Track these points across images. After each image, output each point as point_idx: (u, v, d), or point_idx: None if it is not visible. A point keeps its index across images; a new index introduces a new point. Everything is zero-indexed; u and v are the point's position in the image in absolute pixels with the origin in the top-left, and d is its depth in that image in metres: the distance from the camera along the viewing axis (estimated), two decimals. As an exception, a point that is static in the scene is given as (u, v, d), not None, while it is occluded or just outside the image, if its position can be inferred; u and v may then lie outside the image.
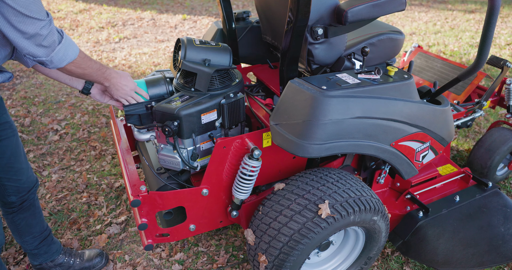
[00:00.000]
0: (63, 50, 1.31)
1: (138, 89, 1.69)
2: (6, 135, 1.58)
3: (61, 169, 2.84)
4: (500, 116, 3.54)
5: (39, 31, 1.20)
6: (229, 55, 1.74)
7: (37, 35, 1.21)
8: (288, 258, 1.51)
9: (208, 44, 1.73)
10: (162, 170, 1.84)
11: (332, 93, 1.40)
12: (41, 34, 1.21)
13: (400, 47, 1.97)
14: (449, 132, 1.77)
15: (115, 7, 7.50)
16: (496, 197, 2.04)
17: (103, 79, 1.53)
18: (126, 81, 1.61)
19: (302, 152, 1.43)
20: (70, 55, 1.34)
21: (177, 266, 2.05)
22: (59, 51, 1.29)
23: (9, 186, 1.66)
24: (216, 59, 1.71)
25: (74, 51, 1.35)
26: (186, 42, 1.68)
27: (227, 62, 1.74)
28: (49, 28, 1.23)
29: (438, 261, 1.85)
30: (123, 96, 1.64)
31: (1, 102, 1.57)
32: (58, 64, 1.33)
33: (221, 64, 1.72)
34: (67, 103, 3.82)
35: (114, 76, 1.56)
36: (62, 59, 1.32)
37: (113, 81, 1.57)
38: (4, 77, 1.42)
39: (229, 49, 1.76)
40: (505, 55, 5.09)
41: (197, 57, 1.66)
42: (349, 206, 1.52)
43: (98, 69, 1.48)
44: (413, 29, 6.28)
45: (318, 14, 1.62)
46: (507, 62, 2.41)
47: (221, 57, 1.72)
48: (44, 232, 1.89)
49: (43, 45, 1.24)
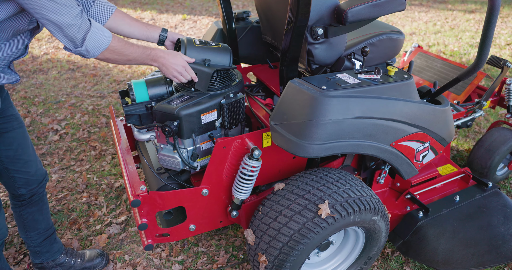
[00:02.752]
0: (95, 37, 1.29)
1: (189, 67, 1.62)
2: (12, 127, 1.60)
3: (61, 169, 2.84)
4: (500, 116, 3.54)
5: (72, 21, 1.20)
6: (229, 55, 1.74)
7: (71, 26, 1.21)
8: (288, 258, 1.51)
9: (208, 44, 1.72)
10: (162, 170, 1.84)
11: (332, 93, 1.40)
12: (74, 24, 1.21)
13: (400, 47, 1.97)
14: (449, 132, 1.77)
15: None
16: (496, 197, 2.04)
17: (150, 60, 1.51)
18: (175, 60, 1.56)
19: (302, 152, 1.43)
20: (103, 41, 1.32)
21: (177, 266, 2.05)
22: (90, 38, 1.28)
23: (18, 178, 1.68)
24: (216, 59, 1.70)
25: (107, 36, 1.34)
26: (186, 42, 1.67)
27: (227, 62, 1.73)
28: (82, 16, 1.23)
29: (438, 261, 1.85)
30: (175, 75, 1.59)
31: (7, 96, 1.59)
32: (95, 52, 1.31)
33: (221, 64, 1.72)
34: (67, 103, 3.82)
35: (161, 55, 1.53)
36: (96, 46, 1.30)
37: (161, 61, 1.54)
38: (10, 79, 1.41)
39: (229, 49, 1.76)
40: (505, 55, 5.09)
41: (197, 57, 1.66)
42: (349, 206, 1.52)
43: (142, 53, 1.47)
44: (413, 29, 6.28)
45: (318, 14, 1.62)
46: (507, 62, 2.41)
47: (221, 57, 1.72)
48: (49, 230, 1.90)
49: (76, 35, 1.23)
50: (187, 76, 1.61)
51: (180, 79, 1.61)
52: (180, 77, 1.60)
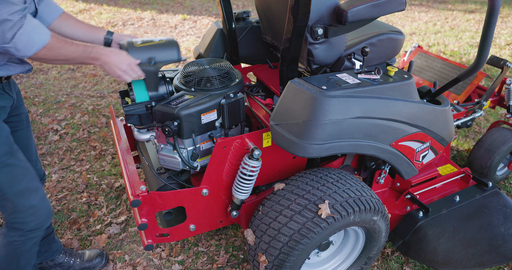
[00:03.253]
0: (26, 35, 1.18)
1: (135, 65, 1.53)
2: (22, 126, 1.61)
3: (61, 169, 2.84)
4: (500, 116, 3.54)
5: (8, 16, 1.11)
6: (176, 48, 1.65)
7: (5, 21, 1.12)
8: (288, 258, 1.51)
9: (151, 42, 1.65)
10: (162, 170, 1.84)
11: (332, 93, 1.40)
12: (10, 20, 1.12)
13: (400, 47, 1.97)
14: (449, 132, 1.77)
15: (115, 7, 7.50)
16: (496, 197, 2.04)
17: (91, 59, 1.40)
18: (118, 57, 1.46)
19: (302, 152, 1.43)
20: (37, 40, 1.22)
21: (177, 266, 2.05)
22: (21, 35, 1.17)
23: None
24: (162, 55, 1.62)
25: (43, 35, 1.23)
26: (127, 45, 1.60)
27: (175, 55, 1.65)
28: (21, 14, 1.14)
29: (438, 261, 1.85)
30: (120, 74, 1.49)
31: (19, 92, 1.58)
32: (26, 52, 1.21)
33: (168, 59, 1.65)
34: (67, 103, 3.82)
35: (102, 52, 1.42)
36: (28, 45, 1.19)
37: (103, 58, 1.43)
38: (24, 68, 1.39)
39: (175, 42, 1.68)
40: (505, 55, 5.09)
41: (141, 57, 1.58)
42: (349, 206, 1.52)
43: (83, 51, 1.37)
44: (413, 29, 6.28)
45: (318, 14, 1.62)
46: (507, 62, 2.41)
47: (167, 52, 1.64)
48: (48, 229, 1.89)
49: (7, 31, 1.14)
50: (133, 74, 1.52)
51: (125, 78, 1.51)
52: (125, 76, 1.49)
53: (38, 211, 1.53)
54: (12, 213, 1.49)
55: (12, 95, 1.47)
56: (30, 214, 1.51)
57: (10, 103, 1.45)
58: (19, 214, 1.49)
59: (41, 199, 1.53)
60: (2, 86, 1.40)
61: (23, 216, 1.50)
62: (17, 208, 1.48)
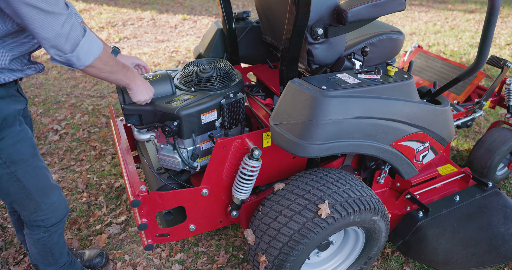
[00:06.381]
0: (88, 44, 1.20)
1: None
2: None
3: (61, 169, 2.84)
4: (500, 116, 3.54)
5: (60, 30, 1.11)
6: (169, 82, 1.71)
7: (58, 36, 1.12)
8: (288, 258, 1.51)
9: (146, 79, 1.68)
10: (162, 170, 1.84)
11: (332, 93, 1.40)
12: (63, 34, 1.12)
13: (400, 47, 1.97)
14: (449, 132, 1.77)
15: (115, 7, 7.50)
16: (496, 197, 2.04)
17: (127, 79, 1.45)
18: (149, 87, 1.58)
19: (302, 152, 1.43)
20: (95, 49, 1.23)
21: (177, 266, 2.05)
22: (83, 44, 1.19)
23: None
24: (157, 91, 1.67)
25: (99, 45, 1.25)
26: (122, 89, 1.63)
27: (170, 89, 1.71)
28: (70, 23, 1.14)
29: (438, 261, 1.85)
30: (141, 101, 1.60)
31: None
32: (85, 61, 1.22)
33: (164, 95, 1.69)
34: (67, 103, 3.82)
35: (138, 77, 1.52)
36: (88, 54, 1.21)
37: (138, 82, 1.51)
38: (37, 68, 1.40)
39: (168, 75, 1.72)
40: (505, 55, 5.09)
41: None
42: (349, 206, 1.52)
43: (122, 67, 1.40)
44: (413, 29, 6.28)
45: (318, 14, 1.62)
46: (507, 62, 2.41)
47: (162, 87, 1.69)
48: None
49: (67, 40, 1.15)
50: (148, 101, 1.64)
51: (144, 102, 1.62)
52: (143, 103, 1.62)
53: (58, 207, 1.59)
54: (34, 212, 1.54)
55: (24, 96, 1.48)
56: (51, 210, 1.57)
57: (24, 105, 1.45)
58: (40, 212, 1.55)
59: (59, 195, 1.59)
60: (16, 88, 1.40)
61: (44, 213, 1.56)
62: (40, 207, 1.53)
